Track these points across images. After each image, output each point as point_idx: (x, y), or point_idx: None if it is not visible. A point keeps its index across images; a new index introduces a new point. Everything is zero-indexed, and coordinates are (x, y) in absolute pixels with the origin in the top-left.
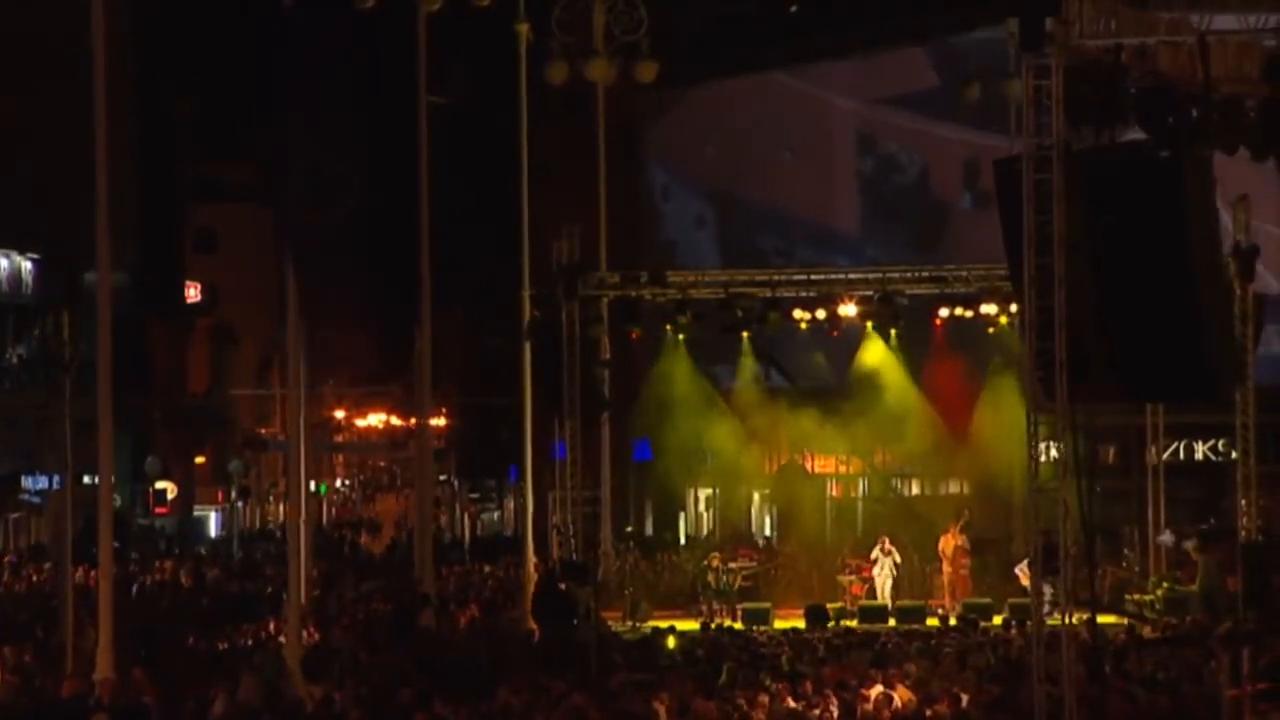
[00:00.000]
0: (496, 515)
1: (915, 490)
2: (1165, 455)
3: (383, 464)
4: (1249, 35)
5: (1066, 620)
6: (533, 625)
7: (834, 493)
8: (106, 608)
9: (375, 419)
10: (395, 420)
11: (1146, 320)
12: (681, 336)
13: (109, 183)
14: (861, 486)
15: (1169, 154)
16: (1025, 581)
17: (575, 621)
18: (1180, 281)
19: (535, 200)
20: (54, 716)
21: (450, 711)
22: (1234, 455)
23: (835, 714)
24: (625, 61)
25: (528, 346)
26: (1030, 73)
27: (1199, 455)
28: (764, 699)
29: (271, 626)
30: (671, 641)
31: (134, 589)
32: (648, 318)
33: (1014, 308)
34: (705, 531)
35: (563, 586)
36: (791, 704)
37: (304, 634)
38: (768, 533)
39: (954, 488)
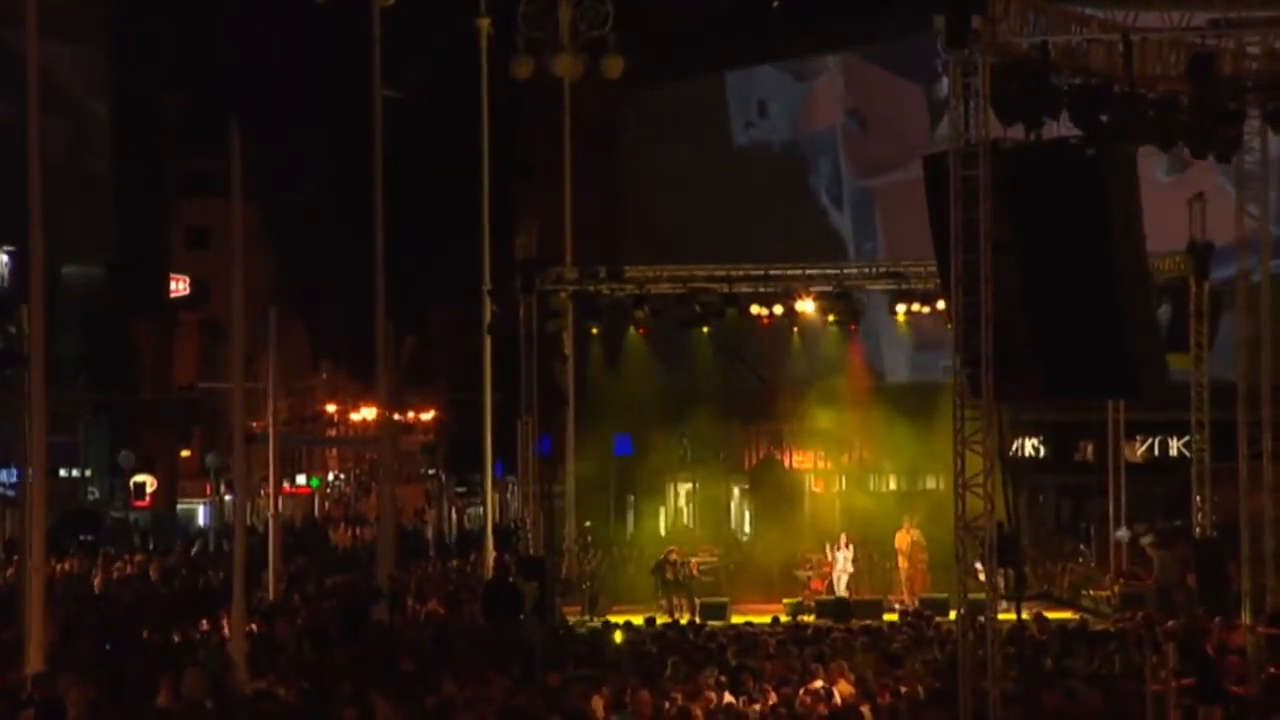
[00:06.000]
0: (483, 510)
1: (893, 486)
2: (1140, 451)
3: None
4: (1176, 33)
5: (992, 615)
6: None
7: (815, 488)
8: (38, 603)
9: (368, 413)
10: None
11: (1070, 317)
12: (641, 331)
13: (42, 175)
14: (840, 482)
15: (1094, 151)
16: (984, 577)
17: (522, 617)
18: (1102, 279)
19: (514, 195)
20: None
21: (390, 706)
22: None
23: (773, 708)
24: (592, 57)
25: (488, 342)
26: (957, 69)
27: (1173, 452)
28: (703, 693)
29: (226, 620)
30: (618, 636)
31: (98, 582)
32: (608, 313)
33: None
34: (690, 526)
35: (512, 581)
36: (730, 698)
37: (252, 628)
38: (747, 527)
39: (930, 483)
